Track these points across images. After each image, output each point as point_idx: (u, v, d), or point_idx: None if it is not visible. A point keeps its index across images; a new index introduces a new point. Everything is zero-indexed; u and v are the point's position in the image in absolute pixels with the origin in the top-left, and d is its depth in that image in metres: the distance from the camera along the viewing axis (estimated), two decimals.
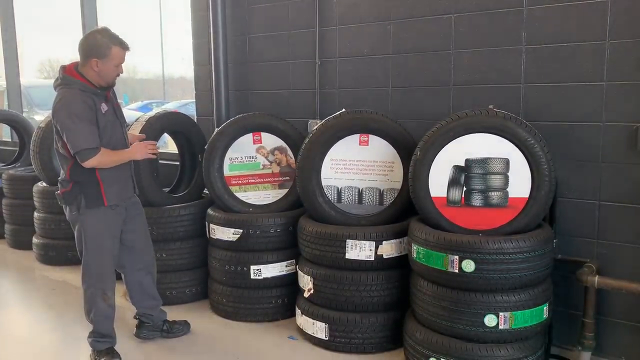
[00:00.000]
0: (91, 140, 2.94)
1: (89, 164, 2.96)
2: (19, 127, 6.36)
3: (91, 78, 3.00)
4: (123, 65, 3.08)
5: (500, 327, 2.70)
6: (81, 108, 2.94)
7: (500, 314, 2.69)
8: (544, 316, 2.81)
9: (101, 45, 2.96)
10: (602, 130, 3.00)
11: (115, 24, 3.11)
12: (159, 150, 3.52)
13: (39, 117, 9.47)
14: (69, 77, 3.00)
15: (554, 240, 2.89)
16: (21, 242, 5.57)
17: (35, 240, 5.23)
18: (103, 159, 2.99)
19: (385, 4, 3.67)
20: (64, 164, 3.08)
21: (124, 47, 3.02)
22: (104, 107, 3.05)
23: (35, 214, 5.19)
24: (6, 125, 6.84)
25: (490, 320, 2.69)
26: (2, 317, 4.05)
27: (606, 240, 3.06)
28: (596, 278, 2.95)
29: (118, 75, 3.07)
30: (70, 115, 2.92)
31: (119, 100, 3.34)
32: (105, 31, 3.02)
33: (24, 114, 7.40)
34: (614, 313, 3.08)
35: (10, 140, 7.33)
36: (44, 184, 5.18)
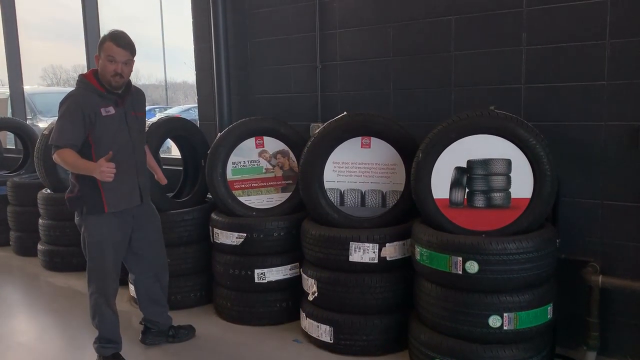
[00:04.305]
0: (62, 138, 2.98)
1: (54, 158, 3.05)
2: (23, 134, 6.39)
3: (101, 79, 3.05)
4: (130, 70, 3.08)
5: (505, 328, 2.70)
6: (70, 106, 3.00)
7: (505, 314, 2.69)
8: (548, 316, 2.81)
9: (100, 42, 3.06)
10: (604, 130, 3.01)
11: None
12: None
13: (43, 124, 9.51)
14: (82, 78, 3.10)
15: (557, 240, 2.89)
16: (26, 249, 5.59)
17: (40, 247, 5.25)
18: (63, 159, 2.99)
19: (385, 6, 3.68)
20: None
21: (115, 41, 3.00)
22: (110, 110, 3.05)
23: (40, 221, 5.21)
24: (10, 133, 6.87)
25: (494, 321, 2.69)
26: (8, 324, 4.06)
27: (610, 239, 3.06)
28: (600, 277, 2.95)
29: (116, 74, 3.00)
30: (60, 112, 3.03)
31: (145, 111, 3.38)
32: (111, 31, 3.07)
33: (28, 122, 7.43)
34: (619, 312, 3.07)
35: (14, 147, 7.38)
36: (49, 190, 5.20)
